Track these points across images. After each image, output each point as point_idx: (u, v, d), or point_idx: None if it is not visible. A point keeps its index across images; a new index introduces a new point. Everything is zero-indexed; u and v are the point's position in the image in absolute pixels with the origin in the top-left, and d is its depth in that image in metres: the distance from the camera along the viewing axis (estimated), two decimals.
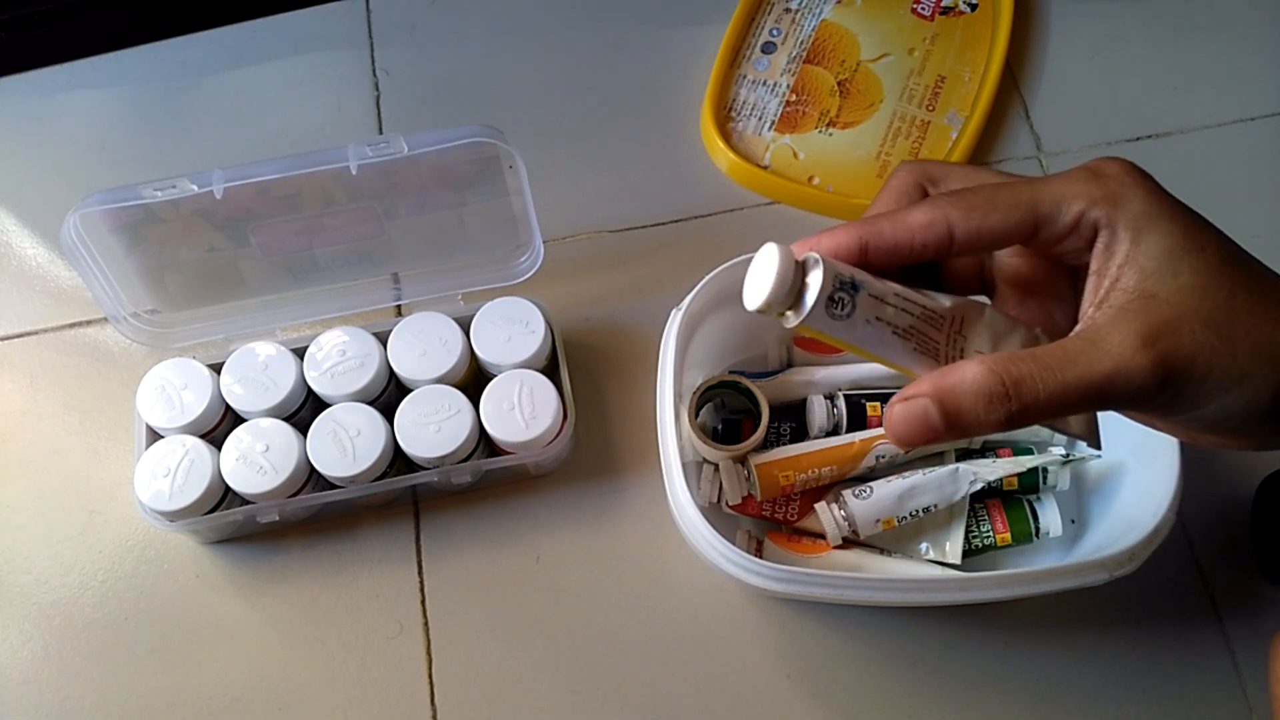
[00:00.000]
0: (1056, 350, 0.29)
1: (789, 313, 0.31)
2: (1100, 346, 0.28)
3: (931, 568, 0.51)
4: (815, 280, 0.30)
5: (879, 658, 0.53)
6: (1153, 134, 0.66)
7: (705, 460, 0.53)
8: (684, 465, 0.47)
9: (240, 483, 0.52)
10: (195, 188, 0.49)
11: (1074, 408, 0.29)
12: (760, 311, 0.31)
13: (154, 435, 0.54)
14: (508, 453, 0.54)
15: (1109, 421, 0.53)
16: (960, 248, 0.31)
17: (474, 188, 0.54)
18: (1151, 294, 0.28)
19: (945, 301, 0.32)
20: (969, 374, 0.29)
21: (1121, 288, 0.29)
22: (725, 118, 0.65)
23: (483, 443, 0.54)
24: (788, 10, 0.68)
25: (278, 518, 0.53)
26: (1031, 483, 0.52)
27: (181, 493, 0.51)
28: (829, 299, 0.30)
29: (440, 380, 0.54)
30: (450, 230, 0.57)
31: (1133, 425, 0.50)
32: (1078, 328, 0.30)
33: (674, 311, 0.51)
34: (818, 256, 0.30)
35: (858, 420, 0.53)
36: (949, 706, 0.52)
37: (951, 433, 0.29)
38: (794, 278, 0.30)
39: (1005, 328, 0.33)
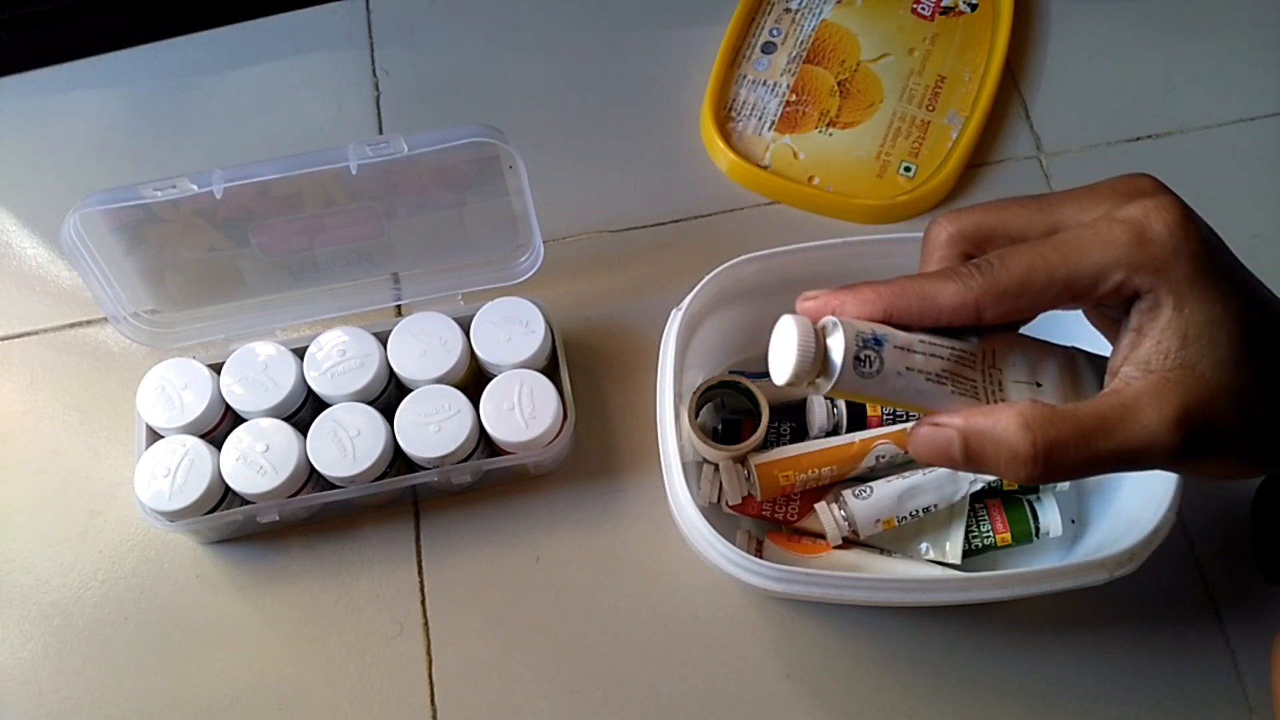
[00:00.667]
0: (1095, 416, 0.29)
1: (819, 380, 0.31)
2: (1138, 419, 0.29)
3: (931, 568, 0.51)
4: (838, 344, 0.30)
5: (879, 658, 0.53)
6: (1153, 134, 0.66)
7: (705, 460, 0.53)
8: (684, 465, 0.47)
9: (240, 483, 0.52)
10: (195, 188, 0.49)
11: (1095, 472, 0.29)
12: (790, 385, 0.31)
13: (154, 435, 0.54)
14: (508, 453, 0.54)
15: None
16: (987, 324, 0.31)
17: (474, 188, 0.54)
18: (1191, 365, 0.29)
19: (973, 338, 0.32)
20: (1003, 423, 0.29)
21: (1163, 351, 0.29)
22: (725, 118, 0.65)
23: (483, 443, 0.54)
24: (788, 10, 0.68)
25: (278, 518, 0.53)
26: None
27: (181, 493, 0.51)
28: (855, 359, 0.30)
29: (440, 380, 0.54)
30: (450, 230, 0.57)
31: None
32: (1113, 385, 0.30)
33: (674, 311, 0.51)
34: (835, 320, 0.30)
35: (858, 420, 0.53)
36: (949, 706, 0.52)
37: (970, 469, 0.30)
38: (816, 345, 0.30)
39: (1039, 353, 0.33)
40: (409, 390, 0.54)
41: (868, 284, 0.31)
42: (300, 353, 0.55)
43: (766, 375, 0.55)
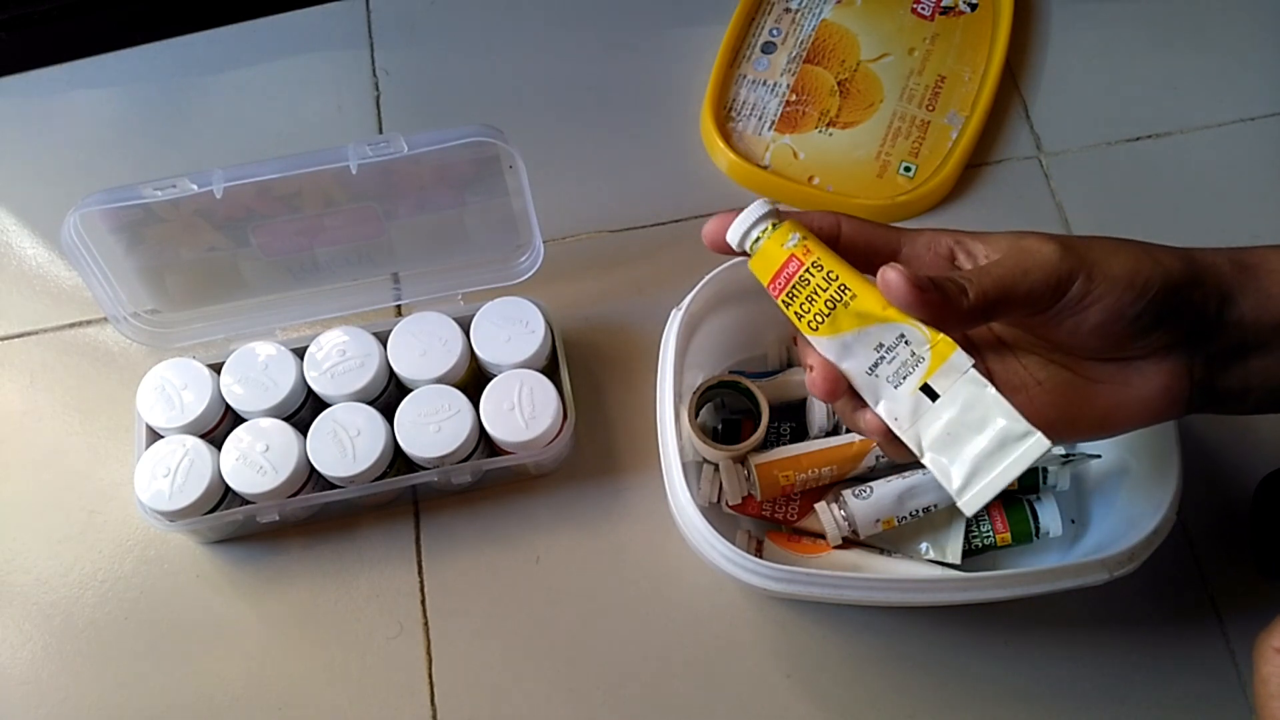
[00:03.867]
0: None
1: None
2: (1033, 250, 0.35)
3: (931, 568, 0.51)
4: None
5: (879, 658, 0.53)
6: (1153, 134, 0.66)
7: (705, 460, 0.53)
8: (684, 465, 0.47)
9: (240, 483, 0.52)
10: (195, 188, 0.49)
11: (1008, 288, 0.34)
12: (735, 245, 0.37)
13: (154, 435, 0.54)
14: (508, 453, 0.54)
15: None
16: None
17: (474, 188, 0.54)
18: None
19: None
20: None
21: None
22: (725, 118, 0.65)
23: (483, 443, 0.54)
24: (788, 10, 0.68)
25: (278, 518, 0.53)
26: (1031, 483, 0.52)
27: (181, 493, 0.51)
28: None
29: (440, 380, 0.54)
30: (450, 230, 0.57)
31: None
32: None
33: (674, 311, 0.51)
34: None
35: None
36: (949, 706, 0.52)
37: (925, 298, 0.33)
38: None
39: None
40: (409, 390, 0.54)
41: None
42: (300, 353, 0.55)
43: (767, 375, 0.55)
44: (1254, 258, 0.38)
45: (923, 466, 0.35)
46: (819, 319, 0.35)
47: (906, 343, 0.34)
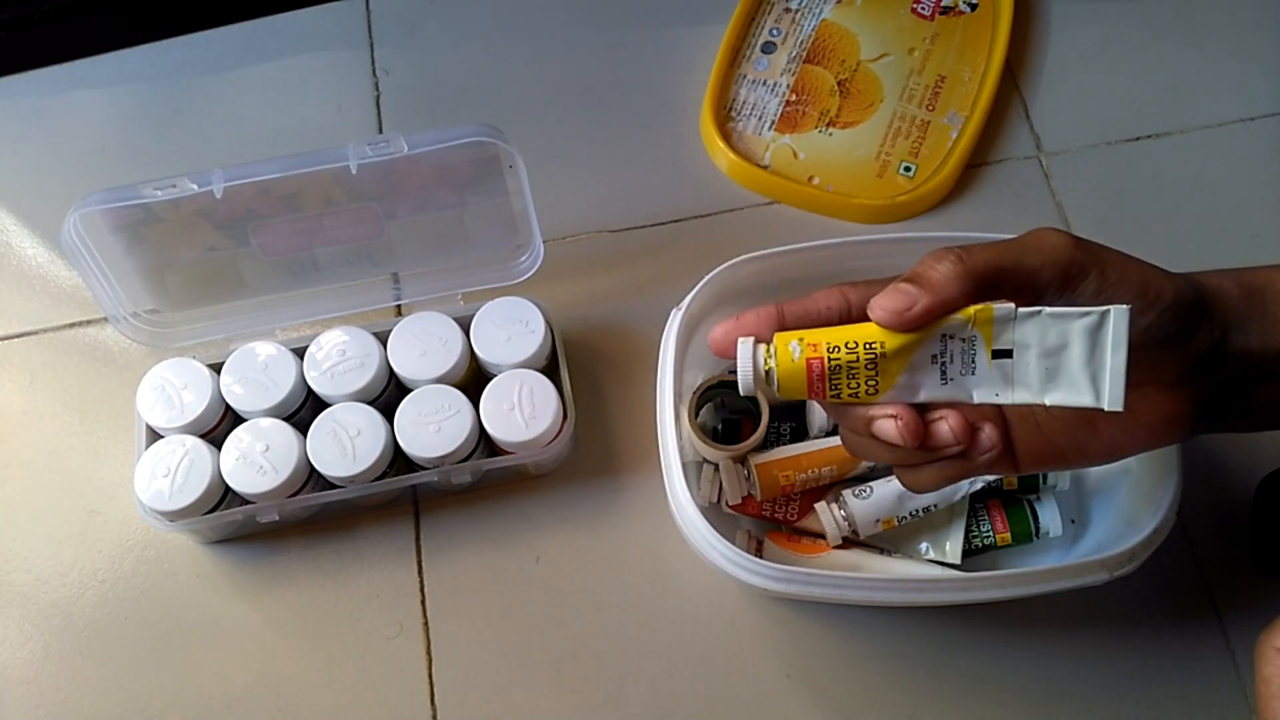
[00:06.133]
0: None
1: (769, 388, 0.36)
2: (1044, 236, 0.35)
3: (931, 568, 0.51)
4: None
5: (879, 658, 0.53)
6: (1153, 134, 0.66)
7: (705, 460, 0.53)
8: (684, 465, 0.47)
9: (240, 483, 0.52)
10: (195, 187, 0.49)
11: (1007, 263, 0.35)
12: (749, 394, 0.37)
13: (154, 435, 0.54)
14: (508, 453, 0.54)
15: None
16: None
17: (474, 188, 0.54)
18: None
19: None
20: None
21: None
22: (725, 118, 0.65)
23: (483, 443, 0.54)
24: (788, 10, 0.68)
25: (278, 518, 0.53)
26: (1031, 482, 0.52)
27: (181, 493, 0.51)
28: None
29: (440, 380, 0.54)
30: (450, 230, 0.57)
31: None
32: None
33: (674, 311, 0.51)
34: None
35: None
36: (949, 706, 0.52)
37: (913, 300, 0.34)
38: (755, 361, 0.36)
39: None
40: (409, 390, 0.54)
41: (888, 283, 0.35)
42: (300, 353, 0.55)
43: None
44: (1260, 279, 0.37)
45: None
46: (872, 384, 0.35)
47: (952, 338, 0.35)
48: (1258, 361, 0.37)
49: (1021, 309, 0.34)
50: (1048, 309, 0.34)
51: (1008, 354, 0.34)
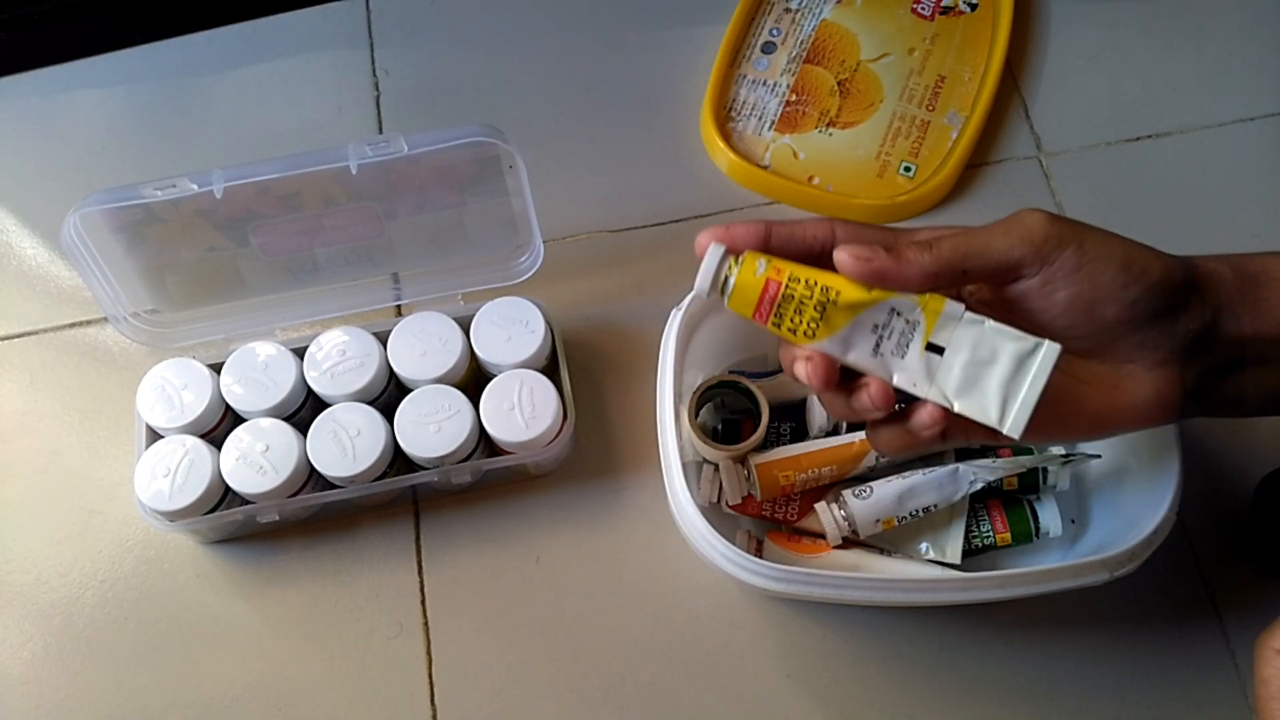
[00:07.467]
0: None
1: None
2: (1021, 219, 0.37)
3: (931, 568, 0.51)
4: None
5: (879, 658, 0.53)
6: (1153, 134, 0.66)
7: (705, 460, 0.53)
8: (684, 465, 0.47)
9: (240, 483, 0.52)
10: (195, 187, 0.49)
11: (978, 247, 0.36)
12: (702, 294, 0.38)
13: (154, 435, 0.54)
14: (508, 453, 0.54)
15: None
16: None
17: (474, 188, 0.54)
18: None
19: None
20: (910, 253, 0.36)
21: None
22: (725, 118, 0.65)
23: (483, 443, 0.54)
24: (788, 10, 0.68)
25: (278, 518, 0.53)
26: (1031, 483, 0.52)
27: (181, 493, 0.51)
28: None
29: (440, 380, 0.54)
30: (450, 230, 0.57)
31: None
32: None
33: (674, 311, 0.51)
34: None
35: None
36: (949, 706, 0.52)
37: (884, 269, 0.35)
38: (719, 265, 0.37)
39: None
40: (409, 390, 0.54)
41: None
42: (300, 353, 0.55)
43: (767, 375, 0.55)
44: (1256, 265, 0.38)
45: (922, 465, 0.35)
46: (813, 325, 0.36)
47: (898, 314, 0.36)
48: (1250, 345, 0.37)
49: (968, 313, 0.35)
50: (991, 322, 0.35)
51: (940, 350, 0.36)
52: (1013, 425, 0.35)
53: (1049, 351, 0.35)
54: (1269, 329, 0.37)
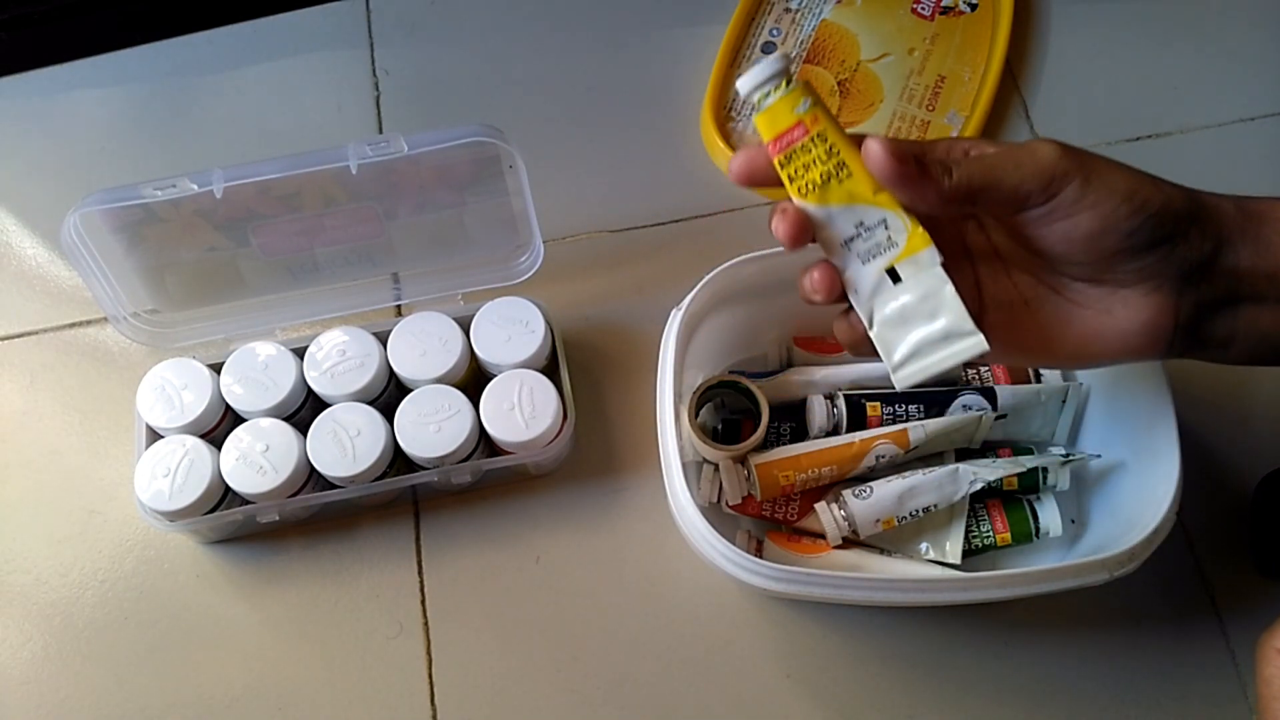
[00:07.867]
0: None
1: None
2: (1034, 148, 0.36)
3: (931, 568, 0.51)
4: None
5: (879, 658, 0.53)
6: (1153, 134, 0.66)
7: (705, 460, 0.53)
8: (684, 465, 0.47)
9: (240, 483, 0.52)
10: (195, 187, 0.49)
11: (996, 177, 0.35)
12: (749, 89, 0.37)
13: (154, 435, 0.54)
14: (508, 453, 0.54)
15: (1110, 423, 0.53)
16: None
17: (474, 188, 0.54)
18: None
19: None
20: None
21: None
22: (725, 118, 0.65)
23: (483, 443, 0.54)
24: (788, 10, 0.68)
25: (278, 518, 0.53)
26: (1031, 483, 0.52)
27: (181, 493, 0.51)
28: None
29: (440, 380, 0.54)
30: (450, 230, 0.57)
31: (1133, 425, 0.50)
32: None
33: (674, 311, 0.51)
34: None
35: (858, 420, 0.53)
36: (949, 706, 0.52)
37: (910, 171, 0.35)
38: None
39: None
40: (409, 390, 0.54)
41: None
42: (300, 353, 0.55)
43: (767, 375, 0.55)
44: (1260, 206, 0.38)
45: (922, 465, 0.35)
46: (810, 187, 0.37)
47: (886, 227, 0.37)
48: (1246, 280, 0.37)
49: (940, 268, 0.36)
50: (951, 287, 0.36)
51: (896, 279, 0.37)
52: (902, 378, 0.37)
53: (974, 346, 0.36)
54: (1267, 265, 0.37)
